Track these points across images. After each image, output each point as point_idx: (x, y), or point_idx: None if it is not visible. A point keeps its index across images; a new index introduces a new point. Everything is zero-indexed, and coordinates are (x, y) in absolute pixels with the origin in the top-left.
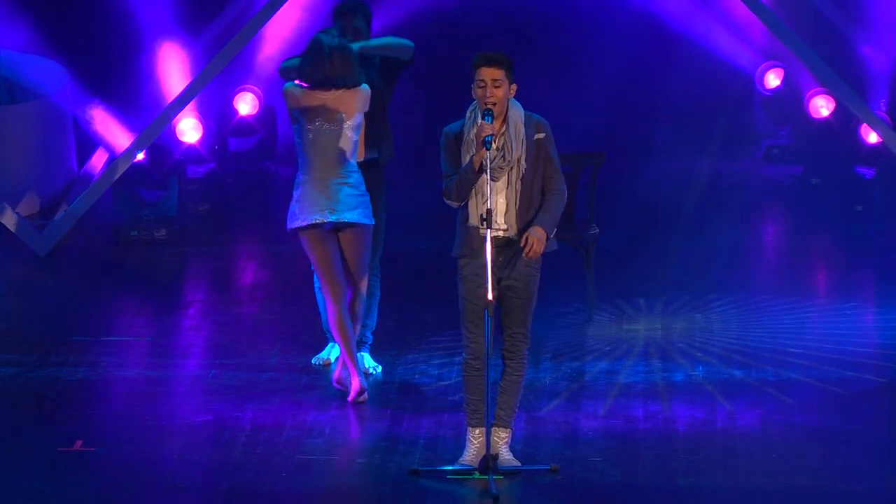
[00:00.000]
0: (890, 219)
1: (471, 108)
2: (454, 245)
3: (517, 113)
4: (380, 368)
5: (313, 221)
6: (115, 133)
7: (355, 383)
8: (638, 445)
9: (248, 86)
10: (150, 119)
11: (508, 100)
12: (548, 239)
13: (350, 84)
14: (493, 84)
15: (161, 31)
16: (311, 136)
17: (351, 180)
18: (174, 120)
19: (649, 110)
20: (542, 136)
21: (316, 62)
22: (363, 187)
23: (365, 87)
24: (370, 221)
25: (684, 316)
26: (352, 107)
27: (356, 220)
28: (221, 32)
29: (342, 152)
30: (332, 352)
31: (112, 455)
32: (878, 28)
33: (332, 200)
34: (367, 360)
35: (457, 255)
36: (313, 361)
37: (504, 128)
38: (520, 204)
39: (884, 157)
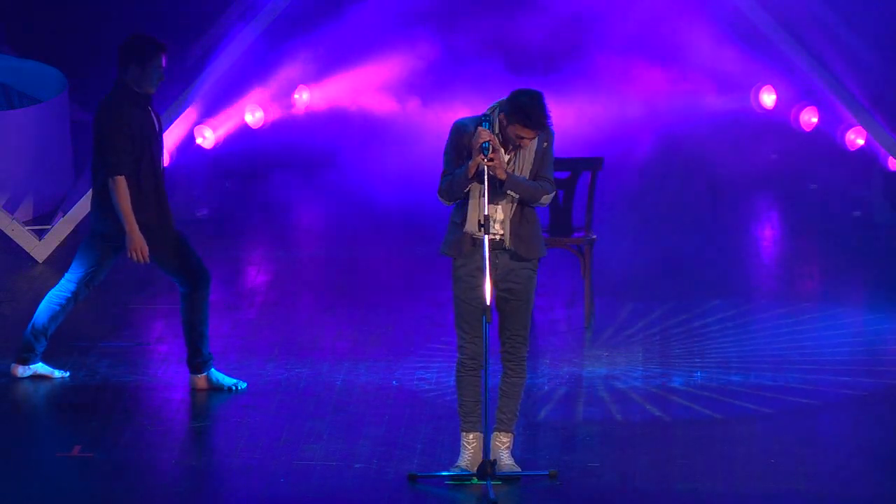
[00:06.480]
0: (887, 225)
1: (490, 108)
2: (444, 243)
3: None
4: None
5: None
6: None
7: None
8: (636, 451)
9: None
10: None
11: None
12: (507, 180)
13: None
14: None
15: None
16: None
17: None
18: (194, 123)
19: (648, 116)
20: (546, 144)
21: None
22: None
23: None
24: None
25: (682, 321)
26: None
27: None
28: (221, 36)
29: None
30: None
31: (110, 460)
32: None
33: None
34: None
35: (446, 253)
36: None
37: None
38: (514, 212)
39: (876, 164)
